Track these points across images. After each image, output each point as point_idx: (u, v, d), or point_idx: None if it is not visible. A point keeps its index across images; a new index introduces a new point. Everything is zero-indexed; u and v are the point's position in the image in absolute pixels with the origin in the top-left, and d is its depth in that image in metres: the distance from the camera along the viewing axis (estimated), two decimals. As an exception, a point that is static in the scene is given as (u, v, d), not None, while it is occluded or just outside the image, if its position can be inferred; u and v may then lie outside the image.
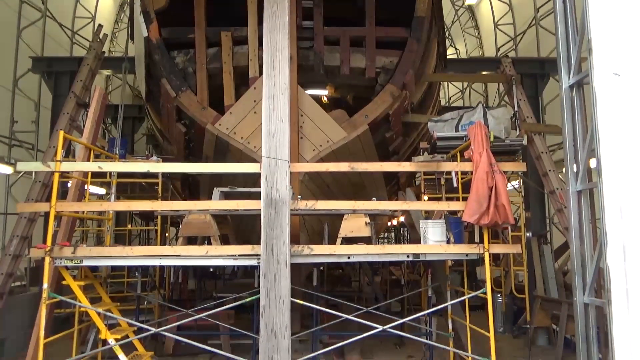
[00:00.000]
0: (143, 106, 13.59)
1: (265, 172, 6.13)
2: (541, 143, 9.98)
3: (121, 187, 11.39)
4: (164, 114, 10.00)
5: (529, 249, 11.12)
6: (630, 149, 4.70)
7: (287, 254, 5.82)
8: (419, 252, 6.46)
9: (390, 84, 8.97)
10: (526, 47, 17.80)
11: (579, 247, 5.43)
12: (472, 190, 6.22)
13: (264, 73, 6.59)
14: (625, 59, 4.90)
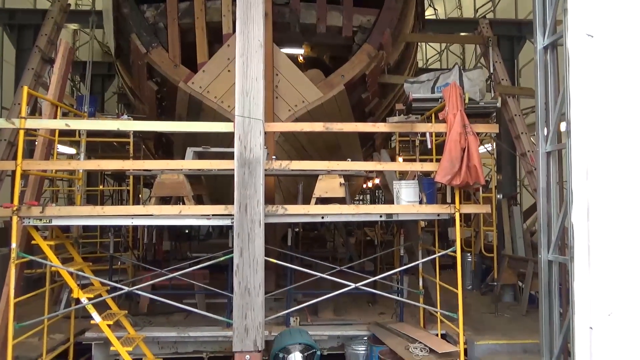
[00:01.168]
0: (113, 63, 13.12)
1: (239, 132, 6.05)
2: (515, 106, 10.07)
3: (92, 146, 11.09)
4: (135, 71, 9.68)
5: (499, 210, 11.41)
6: (599, 111, 4.76)
7: (260, 213, 5.82)
8: (392, 212, 6.55)
9: (367, 43, 8.85)
10: (505, 9, 17.73)
11: (545, 207, 5.59)
12: (445, 151, 6.28)
13: (237, 29, 6.40)
14: (599, 20, 4.90)
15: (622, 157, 4.73)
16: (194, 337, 7.82)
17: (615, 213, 4.57)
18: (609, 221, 4.54)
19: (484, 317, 8.94)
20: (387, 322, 8.28)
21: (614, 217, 4.55)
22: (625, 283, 4.52)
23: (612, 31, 4.91)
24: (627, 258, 4.55)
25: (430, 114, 7.69)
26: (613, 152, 4.74)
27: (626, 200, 4.61)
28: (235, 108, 6.15)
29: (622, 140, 4.77)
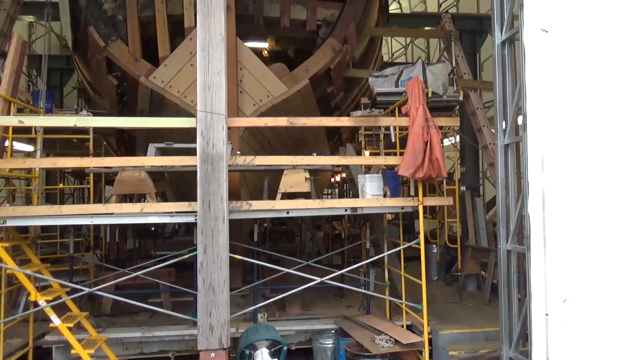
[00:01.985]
0: (71, 57, 12.69)
1: (201, 127, 5.95)
2: (477, 99, 10.27)
3: (50, 143, 10.72)
4: (93, 65, 9.40)
5: (463, 202, 11.65)
6: (553, 104, 4.91)
7: (224, 209, 5.75)
8: (357, 206, 6.59)
9: (331, 37, 8.85)
10: (467, 3, 17.98)
11: (504, 198, 5.74)
12: (408, 144, 6.35)
13: (198, 22, 6.27)
14: (553, 16, 5.04)
15: (575, 149, 4.90)
16: (159, 337, 7.69)
17: (569, 203, 4.73)
18: (563, 211, 4.71)
19: (449, 306, 9.13)
20: (354, 315, 8.36)
21: (568, 207, 4.72)
22: (579, 270, 4.69)
23: (566, 26, 5.06)
24: (581, 246, 4.73)
25: (394, 108, 7.76)
26: (566, 144, 4.90)
27: (579, 190, 4.78)
28: (198, 103, 6.04)
29: (575, 133, 4.93)
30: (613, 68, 5.06)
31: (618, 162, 4.93)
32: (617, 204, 4.85)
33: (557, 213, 4.70)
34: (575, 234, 4.75)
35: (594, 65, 5.05)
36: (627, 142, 4.96)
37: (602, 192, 4.84)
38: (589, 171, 4.87)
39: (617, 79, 5.05)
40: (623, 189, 4.87)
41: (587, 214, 4.79)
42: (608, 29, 5.14)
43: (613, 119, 5.00)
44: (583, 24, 5.09)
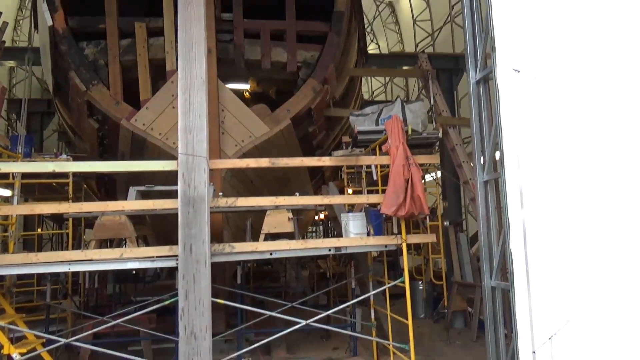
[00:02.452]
0: (52, 101, 12.68)
1: (183, 170, 5.93)
2: (455, 136, 10.47)
3: (29, 188, 10.55)
4: (74, 109, 9.39)
5: (447, 237, 11.68)
6: (528, 141, 5.02)
7: (206, 253, 5.67)
8: (341, 246, 6.56)
9: (311, 78, 9.01)
10: (443, 43, 18.62)
11: (486, 234, 5.77)
12: (389, 183, 6.40)
13: (179, 67, 6.35)
14: (525, 56, 5.23)
15: (553, 184, 4.98)
16: (139, 387, 7.38)
17: (551, 238, 4.77)
18: (545, 246, 4.73)
19: (437, 345, 9.00)
20: (341, 357, 8.18)
21: (550, 242, 4.75)
22: (564, 306, 4.68)
23: (537, 66, 5.24)
24: (564, 282, 4.74)
25: (375, 146, 7.85)
26: (544, 179, 4.99)
27: (560, 224, 4.83)
28: (179, 146, 6.04)
29: (552, 168, 5.03)
30: (583, 104, 5.22)
31: (596, 195, 5.01)
32: (599, 237, 4.90)
33: (539, 248, 4.73)
34: (558, 268, 4.77)
35: (566, 101, 5.21)
36: (603, 175, 5.06)
37: (583, 226, 4.89)
38: (568, 205, 4.94)
39: (588, 113, 5.20)
40: (603, 221, 4.94)
41: (570, 247, 4.82)
42: (577, 65, 5.33)
43: (587, 153, 5.12)
44: (552, 64, 5.28)
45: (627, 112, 5.21)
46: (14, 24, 21.63)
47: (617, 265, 4.85)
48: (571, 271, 4.78)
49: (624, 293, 4.80)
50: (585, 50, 5.39)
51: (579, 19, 5.47)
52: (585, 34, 5.46)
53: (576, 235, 4.86)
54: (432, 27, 20.53)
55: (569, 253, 4.79)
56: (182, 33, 6.50)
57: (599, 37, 5.49)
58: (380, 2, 25.03)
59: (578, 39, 5.45)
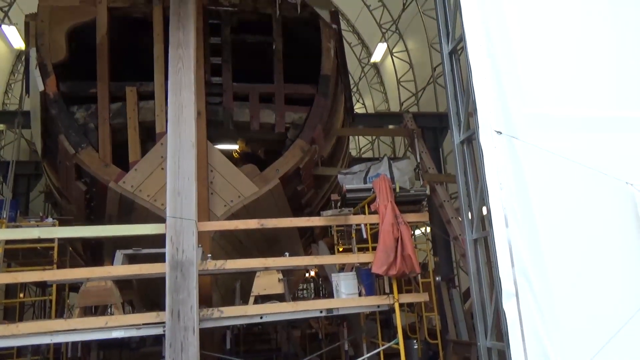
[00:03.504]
0: (40, 163, 12.68)
1: (171, 233, 5.90)
2: (443, 192, 10.61)
3: (12, 252, 10.31)
4: (62, 171, 9.40)
5: (440, 292, 11.53)
6: (514, 199, 5.10)
7: (194, 319, 5.53)
8: (332, 307, 6.45)
9: (299, 138, 9.18)
10: (427, 102, 19.23)
11: (478, 293, 5.71)
12: (379, 242, 6.40)
13: (169, 130, 6.48)
14: (505, 118, 5.41)
15: (543, 241, 5.02)
16: None
17: (543, 296, 4.74)
18: (537, 306, 4.69)
19: (435, 409, 8.66)
20: None
21: (542, 302, 4.71)
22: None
23: (518, 127, 5.42)
24: (561, 341, 4.67)
25: (364, 205, 7.90)
26: (533, 237, 5.03)
27: (551, 282, 4.82)
28: (167, 209, 6.04)
29: (540, 225, 5.08)
30: (565, 163, 5.36)
31: (583, 249, 5.05)
32: (591, 292, 4.89)
33: (532, 309, 4.68)
34: (552, 330, 4.71)
35: (550, 159, 5.35)
36: (590, 228, 5.13)
37: (575, 282, 4.89)
38: (559, 262, 4.96)
39: (570, 171, 5.33)
40: (593, 275, 4.95)
41: (563, 305, 4.79)
42: (556, 125, 5.53)
43: (572, 208, 5.20)
44: (532, 125, 5.46)
45: (610, 166, 5.36)
46: (5, 88, 21.96)
47: (613, 319, 4.81)
48: (567, 329, 4.72)
49: (623, 349, 4.74)
50: (564, 110, 5.61)
51: (556, 81, 5.74)
52: (562, 95, 5.71)
53: (569, 292, 4.85)
54: (415, 87, 21.27)
55: (563, 311, 4.76)
56: (172, 97, 6.69)
57: (576, 97, 5.75)
58: (365, 64, 26.01)
59: (556, 99, 5.69)
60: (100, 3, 8.89)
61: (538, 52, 5.78)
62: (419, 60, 20.98)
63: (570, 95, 5.72)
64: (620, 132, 5.59)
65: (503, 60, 5.64)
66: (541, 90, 5.65)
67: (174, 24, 7.13)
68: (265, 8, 9.71)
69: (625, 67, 5.84)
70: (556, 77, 5.74)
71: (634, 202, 5.23)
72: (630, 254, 5.08)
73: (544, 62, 5.78)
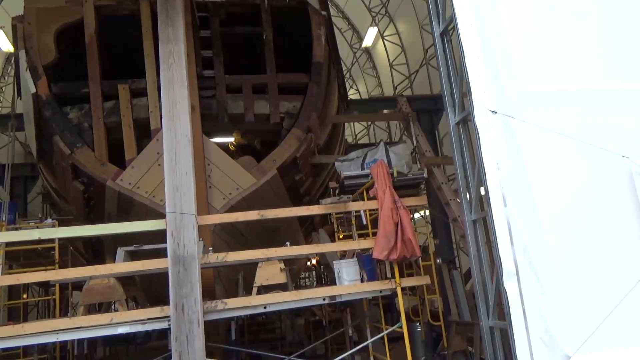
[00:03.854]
0: (36, 164, 12.63)
1: (171, 228, 5.90)
2: (441, 174, 10.59)
3: (13, 254, 10.31)
4: (59, 172, 9.36)
5: (441, 275, 11.58)
6: (511, 178, 5.12)
7: (199, 312, 5.56)
8: (335, 294, 6.49)
9: (295, 128, 9.14)
10: (421, 84, 19.17)
11: (479, 273, 5.76)
12: (379, 227, 6.42)
13: (164, 126, 6.46)
14: (499, 97, 5.40)
15: (541, 219, 5.04)
16: None
17: (544, 275, 4.78)
18: (538, 284, 4.73)
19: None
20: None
21: (543, 279, 4.75)
22: (564, 342, 4.64)
23: (512, 106, 5.42)
24: (563, 316, 4.71)
25: (362, 191, 7.90)
26: (531, 215, 5.05)
27: (552, 261, 4.85)
28: (167, 205, 6.04)
29: (538, 203, 5.10)
30: (560, 138, 5.37)
31: (581, 224, 5.09)
32: (590, 266, 4.93)
33: (533, 286, 4.72)
34: (554, 303, 4.75)
35: (544, 137, 5.36)
36: (586, 204, 5.15)
37: (576, 259, 4.93)
38: (557, 238, 4.99)
39: (566, 147, 5.34)
40: (592, 250, 4.99)
41: (563, 280, 4.83)
42: (550, 102, 5.53)
43: (569, 183, 5.22)
44: (526, 102, 5.45)
45: (605, 140, 5.37)
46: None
47: (613, 292, 4.86)
48: (568, 305, 4.77)
49: (624, 322, 4.79)
50: (557, 86, 5.61)
51: (548, 57, 5.72)
52: (555, 71, 5.70)
53: (568, 268, 4.88)
54: (408, 70, 21.18)
55: (564, 287, 4.80)
56: (166, 94, 6.65)
57: (569, 72, 5.73)
58: (357, 49, 25.85)
59: (549, 76, 5.68)
60: (87, 2, 8.76)
61: (529, 29, 5.76)
62: (411, 42, 20.87)
63: (563, 71, 5.71)
64: (614, 105, 5.60)
65: (494, 39, 5.63)
66: (534, 68, 5.65)
67: (163, 20, 7.06)
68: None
69: (616, 40, 5.83)
70: (548, 53, 5.73)
71: (630, 175, 5.25)
72: (627, 227, 5.12)
73: (535, 39, 5.76)
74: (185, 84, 6.71)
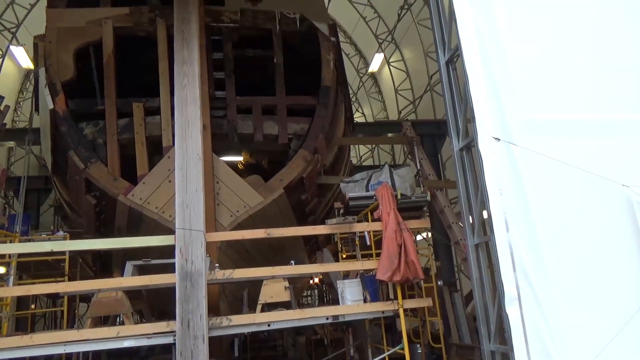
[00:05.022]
0: (50, 177, 12.74)
1: (180, 244, 5.92)
2: (443, 198, 10.61)
3: (24, 265, 10.32)
4: (72, 186, 9.44)
5: (442, 297, 11.49)
6: (514, 204, 5.11)
7: (204, 328, 5.53)
8: (338, 314, 6.44)
9: (302, 149, 9.22)
10: (425, 109, 19.28)
11: (481, 297, 5.70)
12: (383, 249, 6.40)
13: (176, 144, 6.53)
14: (502, 124, 5.43)
15: (543, 245, 5.01)
16: None
17: (545, 300, 4.73)
18: (539, 309, 4.68)
19: (440, 411, 8.61)
20: None
21: (544, 305, 4.70)
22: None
23: (515, 133, 5.44)
24: (562, 345, 4.65)
25: (366, 213, 7.91)
26: (534, 240, 5.03)
27: (553, 287, 4.81)
28: (176, 221, 6.07)
29: (541, 229, 5.08)
30: (561, 166, 5.37)
31: (584, 251, 5.05)
32: (593, 292, 4.88)
33: (535, 312, 4.67)
34: (555, 329, 4.70)
35: (546, 164, 5.36)
36: (589, 230, 5.12)
37: (577, 285, 4.88)
38: (560, 266, 4.95)
39: (568, 174, 5.33)
40: (595, 276, 4.94)
41: (565, 308, 4.78)
42: (552, 129, 5.54)
43: (573, 210, 5.20)
44: (532, 129, 5.47)
45: (605, 169, 5.37)
46: (15, 106, 22.09)
47: (614, 319, 4.80)
48: (569, 331, 4.71)
49: (625, 349, 4.72)
50: (559, 115, 5.63)
51: (550, 85, 5.76)
52: (557, 100, 5.73)
53: (570, 294, 4.84)
54: (413, 95, 21.35)
55: (565, 313, 4.75)
56: (179, 113, 6.74)
57: (571, 101, 5.76)
58: (363, 74, 26.13)
59: (551, 104, 5.71)
60: (106, 24, 8.95)
61: (531, 58, 5.80)
62: (416, 68, 21.07)
63: (565, 100, 5.73)
64: (615, 135, 5.59)
65: (498, 68, 5.67)
66: (536, 96, 5.67)
67: (179, 43, 7.20)
68: (265, 23, 9.78)
69: (619, 70, 5.85)
70: (550, 81, 5.76)
71: (630, 204, 5.23)
72: (628, 254, 5.08)
73: (539, 68, 5.79)
74: (198, 104, 6.81)
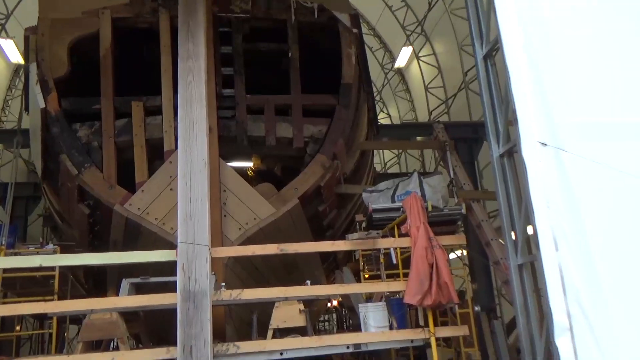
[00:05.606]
0: (39, 184, 12.97)
1: (182, 260, 5.96)
2: (480, 210, 10.50)
3: (9, 281, 10.51)
4: (64, 194, 9.56)
5: (479, 325, 11.32)
6: (564, 219, 5.02)
7: (208, 355, 5.55)
8: (360, 342, 6.40)
9: (320, 154, 9.18)
10: (459, 110, 19.15)
11: (525, 326, 5.60)
12: (412, 268, 6.35)
13: (179, 148, 6.58)
14: (550, 127, 5.35)
15: (598, 268, 4.91)
16: None
17: (601, 331, 4.62)
18: (595, 341, 4.58)
19: None
20: None
21: (600, 336, 4.59)
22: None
23: (565, 138, 5.36)
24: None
25: (392, 227, 7.86)
26: (586, 261, 4.93)
27: (611, 315, 4.70)
28: (178, 234, 6.11)
29: (594, 248, 4.98)
30: (623, 172, 5.26)
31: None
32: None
33: (589, 342, 4.56)
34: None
35: (602, 174, 5.26)
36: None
37: (639, 311, 4.77)
38: (619, 291, 4.83)
39: (628, 182, 5.23)
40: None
41: (625, 341, 4.66)
42: (609, 133, 5.45)
43: (632, 226, 5.09)
44: (584, 135, 5.38)
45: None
46: (2, 105, 22.63)
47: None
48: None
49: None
50: (616, 118, 5.53)
51: (605, 85, 5.66)
52: (612, 102, 5.63)
53: (630, 323, 4.72)
54: (445, 94, 21.25)
55: (624, 346, 4.63)
56: (183, 113, 6.81)
57: (628, 103, 5.66)
58: (389, 69, 26.11)
59: (606, 106, 5.62)
60: (104, 14, 9.09)
61: (583, 53, 5.72)
62: (449, 64, 20.99)
63: (621, 101, 5.63)
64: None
65: (545, 64, 5.60)
66: (590, 97, 5.58)
67: (183, 35, 7.29)
68: (280, 14, 9.81)
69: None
70: (605, 80, 5.67)
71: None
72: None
73: (592, 65, 5.71)
74: (204, 103, 6.87)
